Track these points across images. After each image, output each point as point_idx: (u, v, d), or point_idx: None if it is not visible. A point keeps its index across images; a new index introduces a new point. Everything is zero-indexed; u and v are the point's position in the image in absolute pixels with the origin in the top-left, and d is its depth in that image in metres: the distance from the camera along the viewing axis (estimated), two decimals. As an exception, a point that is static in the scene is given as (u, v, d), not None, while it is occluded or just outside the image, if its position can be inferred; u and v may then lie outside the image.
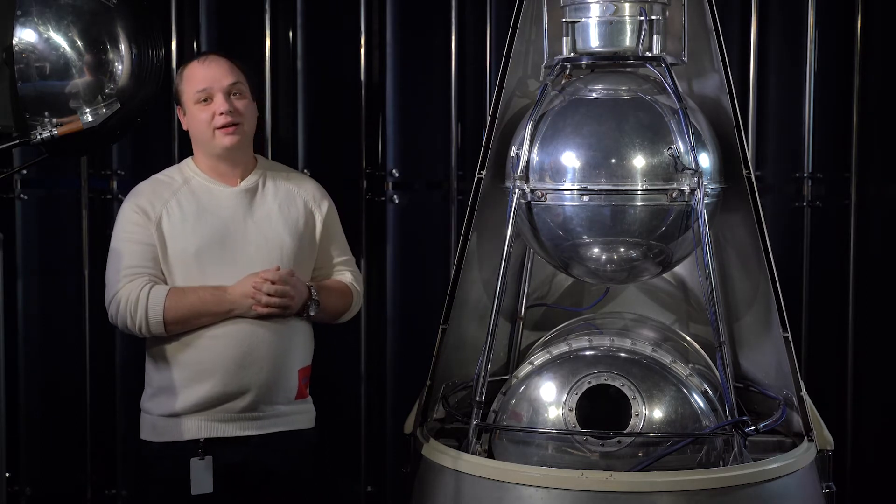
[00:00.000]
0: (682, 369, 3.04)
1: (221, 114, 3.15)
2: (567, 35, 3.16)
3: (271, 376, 3.14)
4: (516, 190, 3.07)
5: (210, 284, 3.11)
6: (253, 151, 3.33)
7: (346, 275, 3.35)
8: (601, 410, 2.98)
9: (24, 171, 4.22)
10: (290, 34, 4.31)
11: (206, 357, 3.11)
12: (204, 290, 3.10)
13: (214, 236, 3.14)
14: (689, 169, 2.97)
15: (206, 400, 3.11)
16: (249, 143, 3.28)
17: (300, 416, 3.25)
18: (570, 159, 3.02)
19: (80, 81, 3.20)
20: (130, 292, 3.09)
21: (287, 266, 3.15)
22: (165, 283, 3.13)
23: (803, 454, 3.01)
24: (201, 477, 3.10)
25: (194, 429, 3.12)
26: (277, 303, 3.08)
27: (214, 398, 3.11)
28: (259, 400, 3.14)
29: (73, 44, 3.17)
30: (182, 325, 3.09)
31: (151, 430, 3.19)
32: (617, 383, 2.97)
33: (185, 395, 3.11)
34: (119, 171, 4.29)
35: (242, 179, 3.24)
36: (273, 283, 3.07)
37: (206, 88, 3.17)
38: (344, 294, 3.32)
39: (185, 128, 3.26)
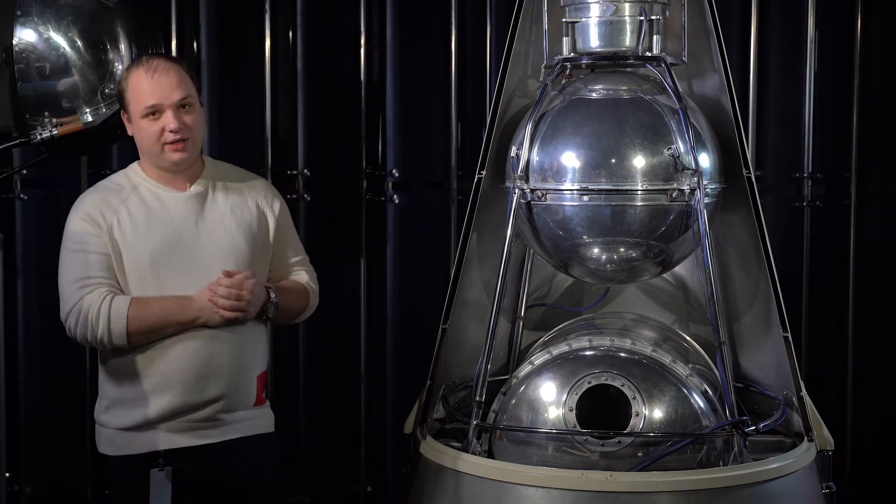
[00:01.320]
0: (682, 369, 3.04)
1: (172, 131, 3.02)
2: (567, 35, 3.16)
3: (232, 385, 3.07)
4: (516, 190, 3.07)
5: (166, 293, 3.03)
6: (200, 154, 3.22)
7: (301, 274, 3.27)
8: (601, 410, 2.98)
9: (24, 171, 4.23)
10: (290, 34, 4.31)
11: (166, 369, 3.03)
12: (168, 300, 3.01)
13: (167, 244, 3.05)
14: (689, 169, 2.97)
15: (166, 412, 3.03)
16: (198, 152, 3.18)
17: (259, 420, 3.18)
18: (570, 159, 3.02)
19: (80, 81, 3.20)
20: (91, 304, 2.99)
21: (243, 269, 3.07)
22: (122, 293, 3.04)
23: (803, 454, 3.01)
24: (161, 488, 3.04)
25: (154, 440, 3.04)
26: (232, 306, 2.99)
27: (175, 409, 3.04)
28: (220, 409, 3.07)
29: (73, 44, 3.17)
30: (146, 336, 3.01)
31: (109, 443, 3.11)
32: (617, 383, 2.97)
33: (144, 408, 3.03)
34: (119, 171, 4.29)
35: (191, 184, 3.13)
36: (227, 287, 2.99)
37: (155, 104, 3.02)
38: (301, 294, 3.25)
39: (129, 133, 3.12)
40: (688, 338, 3.38)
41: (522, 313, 3.48)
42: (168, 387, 3.03)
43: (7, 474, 3.96)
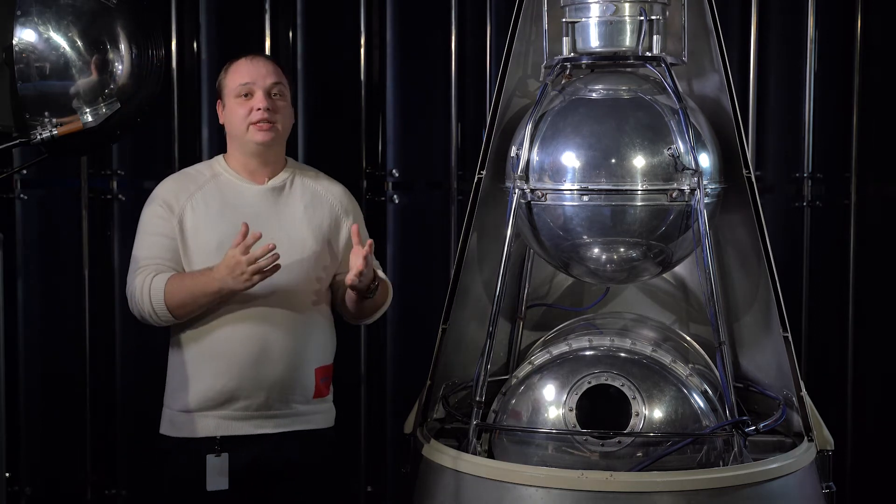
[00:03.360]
0: (682, 369, 3.05)
1: (258, 109, 3.16)
2: (567, 35, 3.16)
3: (286, 374, 3.15)
4: (516, 190, 3.07)
5: None
6: (285, 153, 3.32)
7: (380, 271, 3.30)
8: (601, 410, 2.98)
9: (24, 171, 4.23)
10: (290, 34, 4.31)
11: (221, 353, 3.12)
12: (196, 272, 3.11)
13: (235, 232, 3.11)
14: (689, 169, 2.98)
15: (220, 396, 3.12)
16: (282, 144, 3.28)
17: (318, 415, 3.25)
18: (570, 159, 3.02)
19: (80, 81, 3.19)
20: (142, 283, 3.11)
21: (307, 265, 3.15)
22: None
23: (803, 454, 3.01)
24: (217, 474, 3.12)
25: (211, 426, 3.13)
26: (255, 268, 2.96)
27: (228, 394, 3.12)
28: (274, 398, 3.14)
29: (73, 44, 3.17)
30: (185, 309, 3.09)
31: (170, 425, 3.20)
32: (617, 383, 2.97)
33: (200, 391, 3.13)
34: (119, 171, 4.29)
35: (271, 179, 3.25)
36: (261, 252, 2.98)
37: (248, 83, 3.18)
38: (387, 289, 3.30)
39: (221, 121, 3.28)
40: (688, 338, 3.38)
41: (522, 313, 3.48)
42: (224, 370, 3.12)
43: (7, 474, 3.96)
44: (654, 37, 3.10)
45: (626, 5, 3.09)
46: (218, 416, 3.13)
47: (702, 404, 2.99)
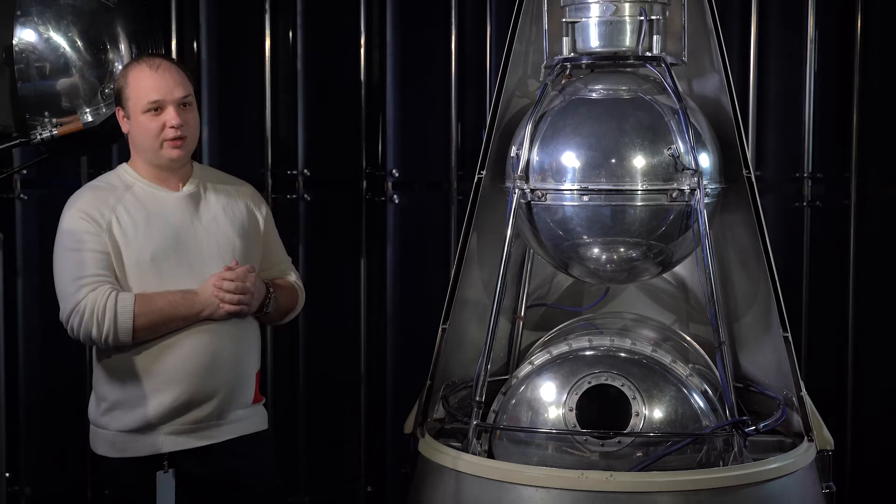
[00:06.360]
0: (682, 369, 3.05)
1: (173, 127, 3.03)
2: (567, 35, 3.16)
3: (235, 381, 3.09)
4: (516, 190, 3.07)
5: (168, 288, 3.03)
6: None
7: (290, 275, 3.31)
8: (601, 410, 2.98)
9: (24, 171, 4.23)
10: (290, 34, 4.31)
11: (172, 366, 3.03)
12: (173, 294, 3.02)
13: (168, 242, 3.06)
14: (689, 169, 2.98)
15: (170, 410, 3.03)
16: (192, 152, 3.19)
17: (256, 417, 3.19)
18: (570, 159, 3.02)
19: (80, 81, 3.20)
20: (96, 301, 2.97)
21: (241, 264, 3.10)
22: (122, 290, 3.04)
23: (803, 454, 3.01)
24: (166, 490, 3.04)
25: (157, 443, 3.04)
26: (238, 299, 3.02)
27: (181, 406, 3.03)
28: (223, 406, 3.08)
29: (73, 44, 3.18)
30: (150, 332, 3.00)
31: (110, 446, 3.09)
32: (617, 383, 2.98)
33: (149, 407, 3.03)
34: (119, 171, 4.28)
35: (183, 184, 3.15)
36: (232, 280, 3.02)
37: (158, 100, 3.03)
38: (292, 292, 3.27)
39: (125, 131, 3.12)
40: (688, 338, 3.38)
41: (522, 313, 3.48)
42: (174, 383, 3.03)
43: (7, 474, 3.96)
44: (654, 37, 3.10)
45: (626, 5, 3.09)
46: (163, 433, 3.04)
47: (702, 404, 2.99)
